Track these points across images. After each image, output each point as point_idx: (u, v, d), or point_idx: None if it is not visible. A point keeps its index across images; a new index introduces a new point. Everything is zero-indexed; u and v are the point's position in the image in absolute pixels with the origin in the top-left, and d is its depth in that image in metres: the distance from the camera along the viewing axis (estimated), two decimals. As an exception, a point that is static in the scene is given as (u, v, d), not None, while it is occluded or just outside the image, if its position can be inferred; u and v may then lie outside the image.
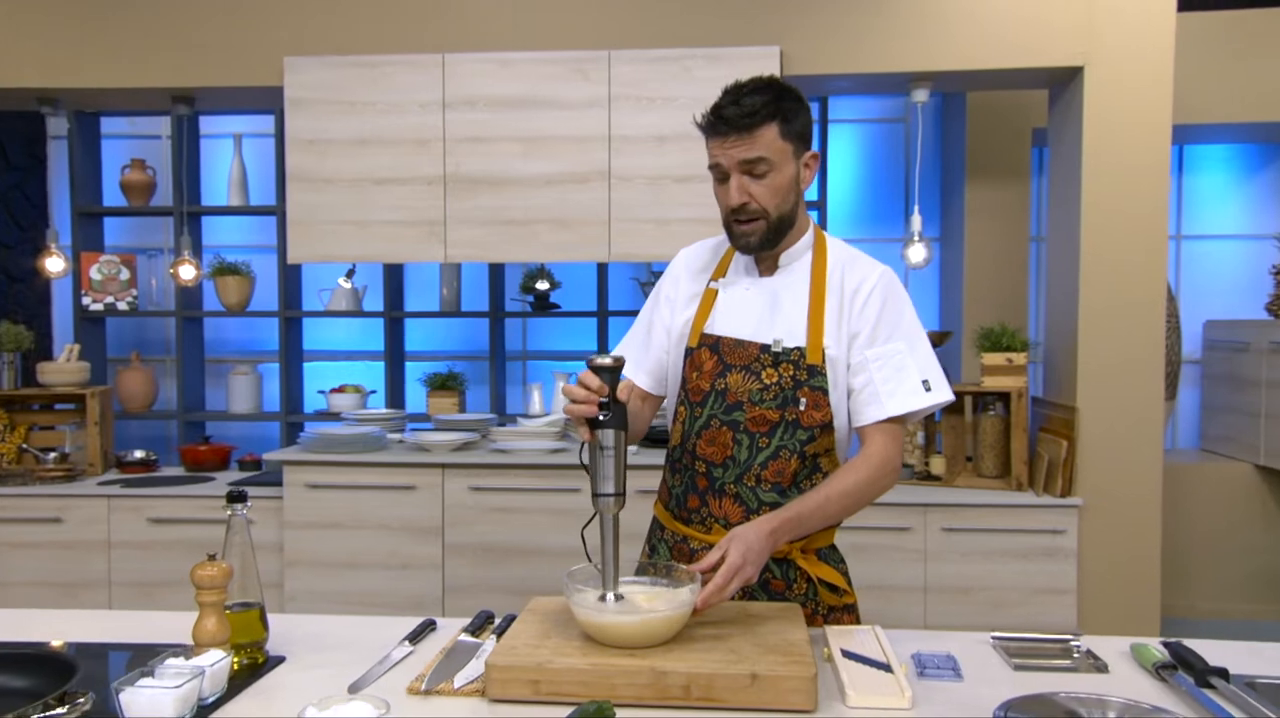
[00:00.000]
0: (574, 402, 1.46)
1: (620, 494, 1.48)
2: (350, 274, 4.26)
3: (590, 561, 1.77)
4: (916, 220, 3.62)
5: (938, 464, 3.57)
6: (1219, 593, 4.30)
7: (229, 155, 4.49)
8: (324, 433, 3.56)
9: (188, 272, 3.97)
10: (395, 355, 4.51)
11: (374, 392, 4.49)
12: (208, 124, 4.62)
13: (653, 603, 1.42)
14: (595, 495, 1.48)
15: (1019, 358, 3.49)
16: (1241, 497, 4.35)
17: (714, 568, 1.44)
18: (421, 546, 3.45)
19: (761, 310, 1.66)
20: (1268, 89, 4.25)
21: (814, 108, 3.71)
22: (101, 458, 3.87)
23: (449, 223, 3.53)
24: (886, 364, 1.60)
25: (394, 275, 4.40)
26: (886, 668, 1.39)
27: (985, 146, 4.29)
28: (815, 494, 1.55)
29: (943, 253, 4.68)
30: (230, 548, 1.47)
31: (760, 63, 3.35)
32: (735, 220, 1.62)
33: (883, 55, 3.42)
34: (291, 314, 4.30)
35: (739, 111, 1.55)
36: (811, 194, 4.12)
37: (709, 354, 1.67)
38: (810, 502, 1.54)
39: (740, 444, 1.63)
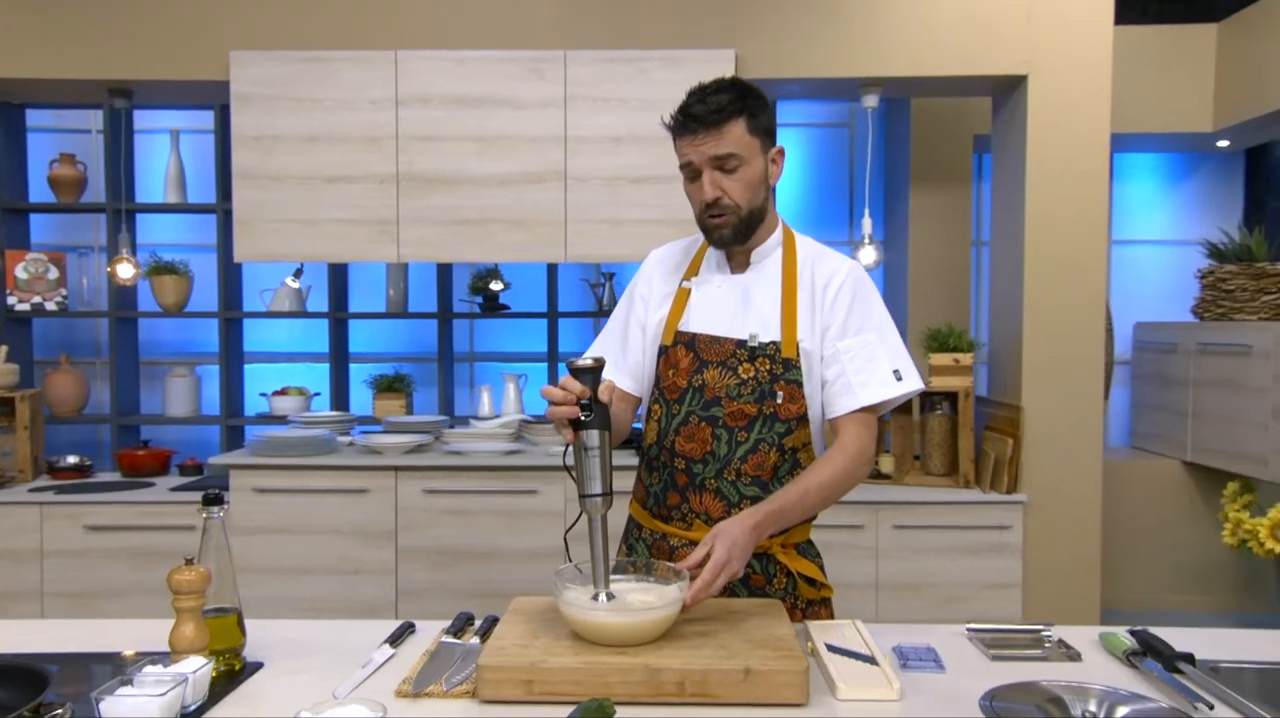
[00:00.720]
0: (554, 404, 1.45)
1: (608, 494, 1.48)
2: (298, 274, 4.17)
3: (570, 560, 1.77)
4: (867, 223, 3.69)
5: (887, 463, 3.64)
6: (1149, 585, 4.46)
7: (164, 151, 4.36)
8: (272, 436, 3.48)
9: (126, 270, 3.84)
10: (340, 357, 4.43)
11: (318, 394, 4.40)
12: (141, 119, 4.47)
13: (643, 601, 1.42)
14: (582, 497, 1.48)
15: (965, 358, 3.57)
16: (1170, 492, 4.52)
17: (700, 565, 1.44)
18: (374, 550, 3.40)
19: (736, 306, 1.68)
20: (1192, 101, 4.43)
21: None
22: (32, 464, 3.73)
23: (402, 222, 3.48)
24: (858, 355, 1.64)
25: (339, 276, 4.32)
26: (871, 661, 1.42)
27: (929, 152, 4.39)
28: (795, 487, 1.57)
29: (887, 256, 4.77)
30: (206, 552, 1.43)
31: (716, 65, 3.38)
32: (709, 215, 1.64)
33: (835, 60, 3.47)
34: (232, 315, 4.19)
35: (707, 109, 1.58)
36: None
37: (685, 351, 1.68)
38: (791, 494, 1.56)
39: (720, 439, 1.64)
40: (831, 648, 1.46)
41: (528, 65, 3.44)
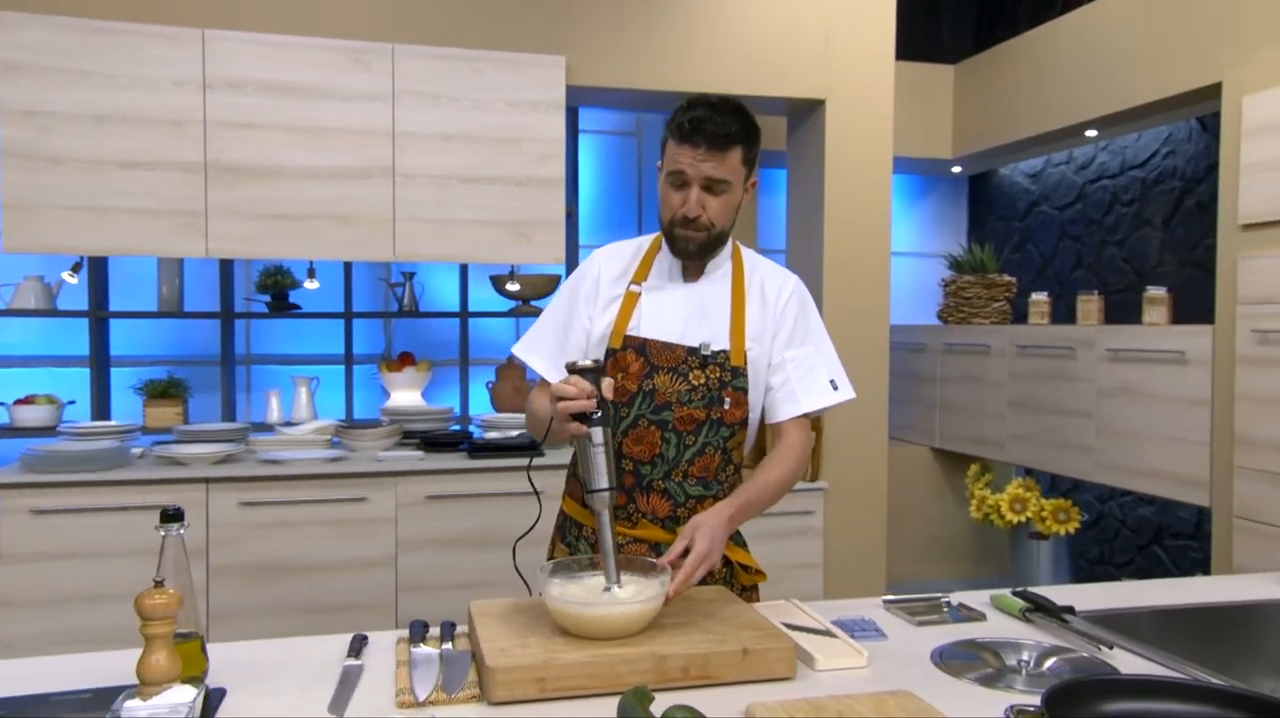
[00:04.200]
0: (567, 399, 1.49)
1: (614, 488, 1.52)
2: (76, 269, 3.72)
3: (519, 574, 1.77)
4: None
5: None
6: (910, 558, 5.02)
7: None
8: (52, 450, 3.10)
9: None
10: (101, 361, 3.99)
11: (72, 402, 3.94)
12: None
13: (633, 593, 1.47)
14: (590, 492, 1.52)
15: (771, 358, 3.86)
16: (922, 476, 5.12)
17: (680, 557, 1.52)
18: (180, 570, 3.11)
19: (689, 316, 1.75)
20: (935, 130, 5.06)
21: (567, 118, 3.82)
22: None
23: (211, 214, 3.22)
24: (801, 365, 1.77)
25: (98, 271, 3.89)
26: (828, 634, 1.56)
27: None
28: (756, 483, 1.68)
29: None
30: (164, 572, 1.31)
31: (548, 71, 3.43)
32: (682, 227, 1.70)
33: (657, 73, 3.63)
34: (-29, 313, 3.66)
35: (718, 129, 1.62)
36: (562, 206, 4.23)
37: (635, 356, 1.73)
38: (754, 489, 1.67)
39: (669, 443, 1.71)
40: (789, 626, 1.58)
41: (352, 56, 3.31)
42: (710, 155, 1.64)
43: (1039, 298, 4.54)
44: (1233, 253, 3.36)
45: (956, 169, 5.46)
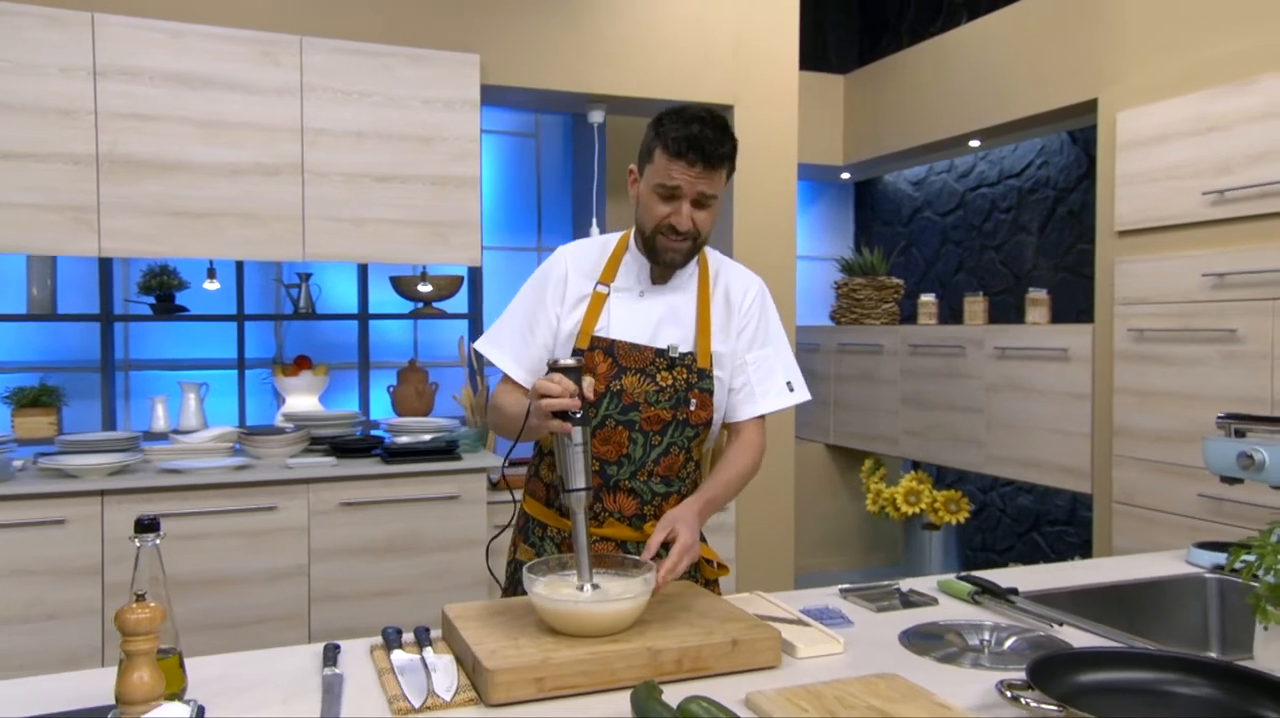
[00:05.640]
0: (550, 397, 1.48)
1: (590, 489, 1.52)
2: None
3: (492, 574, 1.78)
4: (594, 232, 3.89)
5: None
6: (807, 551, 5.18)
7: None
8: (-76, 463, 2.86)
9: None
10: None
11: (-79, 412, 3.64)
12: None
13: (620, 590, 1.47)
14: (567, 491, 1.51)
15: (682, 359, 3.92)
16: (817, 471, 5.28)
17: (656, 553, 1.54)
18: (74, 590, 2.92)
19: (659, 319, 1.76)
20: (826, 137, 5.24)
21: (470, 120, 3.77)
22: None
23: (104, 210, 3.04)
24: (760, 367, 1.81)
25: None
26: (801, 623, 1.60)
27: (619, 166, 4.70)
28: (719, 479, 1.72)
29: (577, 263, 5.02)
30: (139, 586, 1.24)
31: (461, 69, 3.38)
32: (668, 237, 1.70)
33: (570, 75, 3.63)
34: None
35: (713, 149, 1.63)
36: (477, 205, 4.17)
37: (603, 357, 1.73)
38: (718, 485, 1.71)
39: (636, 443, 1.73)
40: (763, 617, 1.62)
41: (258, 47, 3.18)
42: (705, 173, 1.65)
43: (927, 299, 4.76)
44: (1110, 257, 3.62)
45: (845, 175, 5.67)
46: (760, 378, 1.81)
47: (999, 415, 4.11)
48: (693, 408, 1.75)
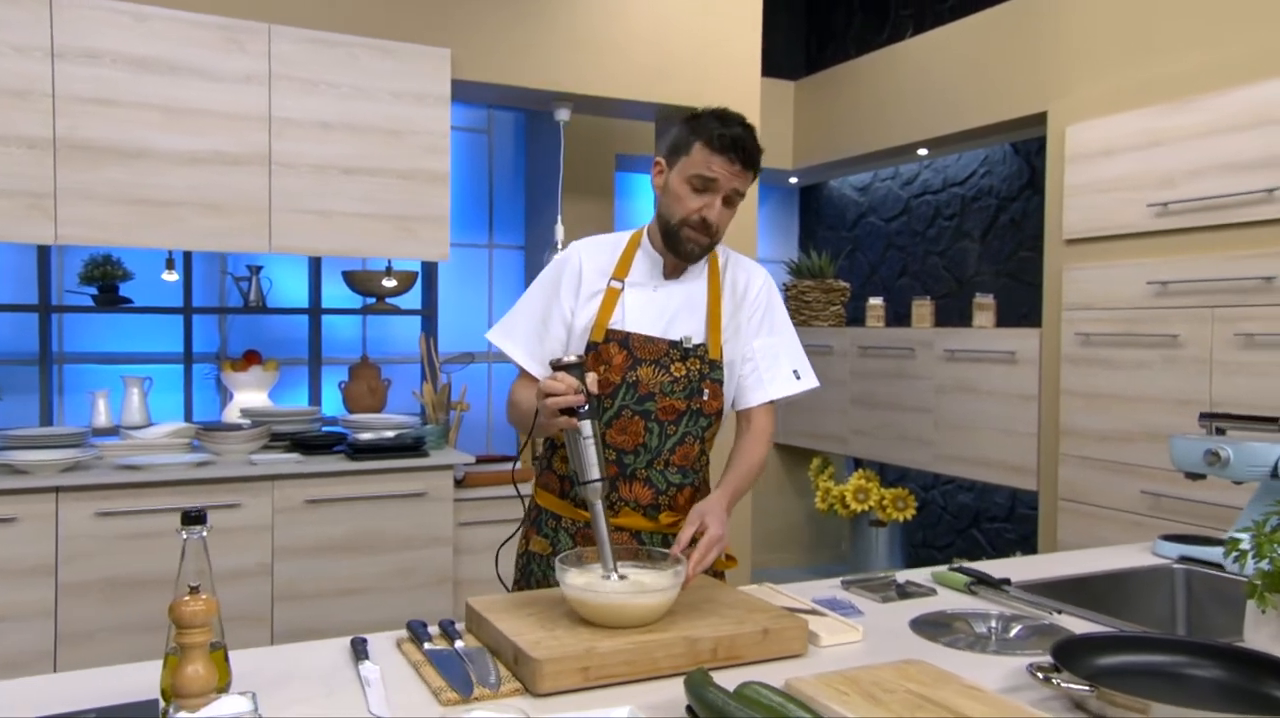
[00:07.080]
0: (556, 394, 1.50)
1: (605, 479, 1.54)
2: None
3: (500, 577, 1.80)
4: (559, 230, 3.89)
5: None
6: (756, 549, 5.26)
7: None
8: None
9: None
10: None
11: None
12: None
13: (653, 581, 1.50)
14: (583, 483, 1.53)
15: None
16: (766, 469, 5.37)
17: (690, 544, 1.57)
18: (23, 591, 2.81)
19: (672, 312, 1.80)
20: (778, 141, 5.33)
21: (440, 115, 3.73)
22: None
23: (60, 196, 2.92)
24: (767, 355, 1.86)
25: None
26: (817, 614, 1.65)
27: (576, 165, 4.71)
28: (738, 471, 1.76)
29: (530, 260, 5.01)
30: (186, 578, 1.22)
31: (431, 62, 3.35)
32: (695, 231, 1.74)
33: (539, 72, 3.63)
34: None
35: (754, 156, 1.71)
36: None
37: (618, 349, 1.76)
38: (739, 477, 1.75)
39: (651, 432, 1.76)
40: (782, 608, 1.66)
41: (224, 33, 3.10)
42: (743, 172, 1.72)
43: (875, 302, 4.89)
44: (1058, 264, 3.78)
45: (793, 180, 5.77)
46: (767, 365, 1.86)
47: (948, 416, 4.25)
48: (705, 398, 1.79)
